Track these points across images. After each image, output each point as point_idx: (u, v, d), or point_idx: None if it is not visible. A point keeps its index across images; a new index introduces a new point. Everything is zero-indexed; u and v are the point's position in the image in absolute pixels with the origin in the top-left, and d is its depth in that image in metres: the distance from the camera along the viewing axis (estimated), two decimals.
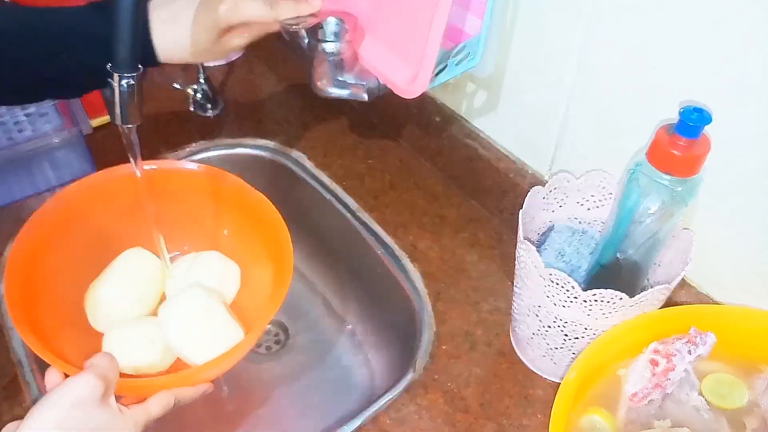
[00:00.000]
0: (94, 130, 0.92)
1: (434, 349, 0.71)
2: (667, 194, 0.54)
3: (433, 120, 0.85)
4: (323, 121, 0.98)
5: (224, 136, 0.96)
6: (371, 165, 0.92)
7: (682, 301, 0.66)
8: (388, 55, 0.69)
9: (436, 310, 0.75)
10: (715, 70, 0.54)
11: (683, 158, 0.52)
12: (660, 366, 0.57)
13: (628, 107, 0.63)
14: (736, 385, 0.58)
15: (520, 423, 0.65)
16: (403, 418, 0.66)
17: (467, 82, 0.79)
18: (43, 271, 0.65)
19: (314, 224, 0.93)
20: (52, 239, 0.67)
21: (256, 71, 1.07)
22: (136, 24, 0.55)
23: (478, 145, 0.81)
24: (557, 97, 0.69)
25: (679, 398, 0.58)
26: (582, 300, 0.57)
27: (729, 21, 0.51)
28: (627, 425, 0.57)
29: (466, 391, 0.68)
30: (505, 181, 0.79)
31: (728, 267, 0.63)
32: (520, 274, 0.63)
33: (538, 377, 0.69)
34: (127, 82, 0.58)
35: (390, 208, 0.86)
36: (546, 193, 0.68)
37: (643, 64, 0.59)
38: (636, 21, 0.58)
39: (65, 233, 0.68)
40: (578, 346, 0.62)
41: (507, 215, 0.82)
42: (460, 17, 0.65)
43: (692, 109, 0.51)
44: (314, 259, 0.96)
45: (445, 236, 0.82)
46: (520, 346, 0.70)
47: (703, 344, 0.58)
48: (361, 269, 0.86)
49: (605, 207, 0.69)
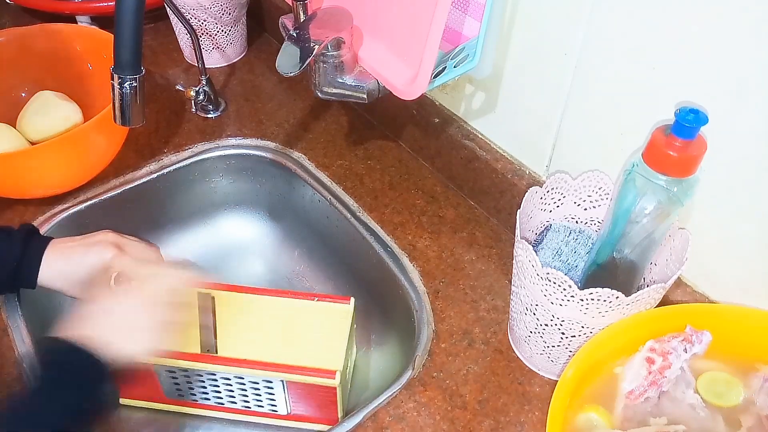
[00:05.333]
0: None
1: (433, 346, 0.72)
2: (663, 194, 0.55)
3: (432, 121, 0.86)
4: (323, 122, 0.99)
5: (225, 137, 0.96)
6: (371, 165, 0.92)
7: (678, 300, 0.66)
8: (388, 57, 0.69)
9: (434, 308, 0.75)
10: (712, 71, 0.54)
11: (679, 159, 0.52)
12: (656, 364, 0.57)
13: (626, 108, 0.63)
14: (732, 383, 0.59)
15: (517, 420, 0.66)
16: (401, 414, 0.67)
17: (466, 84, 0.79)
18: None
19: (314, 224, 0.93)
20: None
21: (256, 72, 1.08)
22: (138, 27, 0.56)
23: (476, 145, 0.81)
24: (555, 98, 0.69)
25: (675, 396, 0.58)
26: (579, 299, 0.57)
27: (727, 21, 0.52)
28: (623, 423, 0.57)
29: (464, 388, 0.68)
30: (503, 182, 0.80)
31: (724, 266, 0.63)
32: (518, 273, 0.64)
33: (536, 375, 0.69)
34: (129, 84, 0.59)
35: (389, 208, 0.86)
36: (543, 193, 0.69)
37: (641, 65, 0.59)
38: (633, 22, 0.58)
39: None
40: (575, 344, 0.63)
41: (505, 215, 0.82)
42: (459, 19, 0.66)
43: (688, 110, 0.51)
44: (314, 258, 0.96)
45: (444, 236, 0.83)
46: (517, 344, 0.71)
47: (698, 342, 0.58)
48: (360, 268, 0.87)
49: (602, 207, 0.69)
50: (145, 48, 1.07)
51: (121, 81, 0.59)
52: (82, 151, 0.83)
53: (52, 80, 0.93)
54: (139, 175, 0.91)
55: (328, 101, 0.99)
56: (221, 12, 1.01)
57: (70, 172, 0.84)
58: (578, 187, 0.69)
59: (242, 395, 0.73)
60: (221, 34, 1.04)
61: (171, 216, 0.97)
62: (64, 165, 0.82)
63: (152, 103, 1.00)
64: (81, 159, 0.84)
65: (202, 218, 1.00)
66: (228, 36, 1.05)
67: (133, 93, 0.60)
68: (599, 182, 0.68)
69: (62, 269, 0.68)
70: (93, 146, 0.84)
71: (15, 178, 0.80)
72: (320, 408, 0.73)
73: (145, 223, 0.93)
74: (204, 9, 0.99)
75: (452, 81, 0.77)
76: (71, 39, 0.92)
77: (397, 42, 0.68)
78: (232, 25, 1.04)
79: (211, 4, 0.99)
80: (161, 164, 0.92)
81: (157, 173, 0.91)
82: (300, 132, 0.97)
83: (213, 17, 1.01)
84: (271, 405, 0.74)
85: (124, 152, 0.90)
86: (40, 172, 0.80)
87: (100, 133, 0.82)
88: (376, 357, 0.85)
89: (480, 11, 0.63)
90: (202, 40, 1.03)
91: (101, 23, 1.03)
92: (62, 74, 0.93)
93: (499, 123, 0.79)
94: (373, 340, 0.87)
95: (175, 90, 1.03)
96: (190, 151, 0.94)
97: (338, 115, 1.00)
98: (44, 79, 0.93)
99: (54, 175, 0.82)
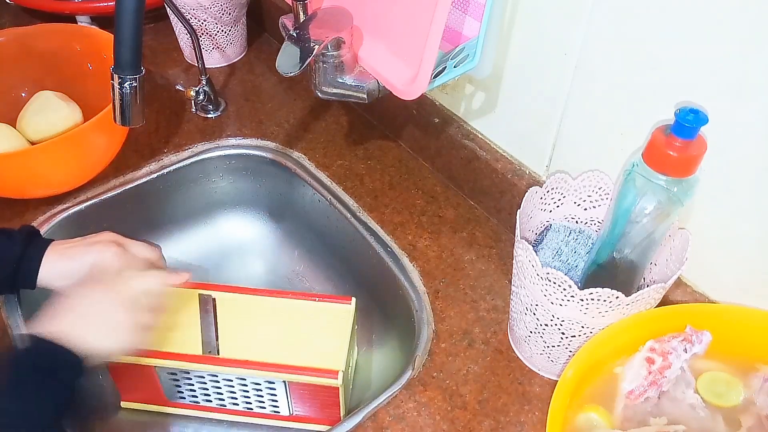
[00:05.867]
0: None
1: (433, 346, 0.72)
2: (663, 194, 0.55)
3: (432, 121, 0.86)
4: (323, 122, 0.99)
5: (225, 137, 0.96)
6: (371, 165, 0.92)
7: (678, 300, 0.66)
8: (388, 57, 0.69)
9: (434, 308, 0.75)
10: (713, 70, 0.54)
11: (679, 159, 0.52)
12: (656, 364, 0.57)
13: (625, 108, 0.63)
14: (732, 383, 0.59)
15: (517, 420, 0.66)
16: (401, 414, 0.67)
17: (466, 84, 0.79)
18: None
19: (314, 224, 0.93)
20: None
21: (256, 72, 1.08)
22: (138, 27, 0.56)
23: (476, 145, 0.81)
24: (555, 98, 0.69)
25: (675, 396, 0.58)
26: (579, 299, 0.58)
27: (727, 21, 0.52)
28: (623, 422, 0.57)
29: (464, 388, 0.68)
30: (503, 182, 0.80)
31: (724, 266, 0.63)
32: (518, 273, 0.64)
33: (536, 375, 0.69)
34: (129, 84, 0.59)
35: (389, 208, 0.86)
36: (543, 193, 0.69)
37: (641, 65, 0.59)
38: (633, 22, 0.58)
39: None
40: (575, 344, 0.63)
41: (505, 215, 0.82)
42: (459, 19, 0.66)
43: (688, 110, 0.51)
44: (314, 258, 0.96)
45: (444, 236, 0.83)
46: (517, 344, 0.71)
47: (698, 342, 0.58)
48: (360, 268, 0.87)
49: (602, 207, 0.69)
50: (145, 48, 1.07)
51: (121, 81, 0.59)
52: (82, 151, 0.83)
53: (52, 80, 0.93)
54: (139, 175, 0.91)
55: (328, 101, 0.99)
56: (221, 12, 1.01)
57: (70, 172, 0.84)
58: (578, 187, 0.69)
59: (244, 397, 0.73)
60: (221, 34, 1.04)
61: (171, 216, 0.97)
62: (64, 165, 0.82)
63: (152, 103, 1.00)
64: (81, 159, 0.84)
65: (202, 218, 1.00)
66: (228, 36, 1.05)
67: (133, 93, 0.60)
68: (599, 182, 0.68)
69: (62, 269, 0.68)
70: (93, 146, 0.84)
71: (15, 178, 0.80)
72: (323, 408, 0.73)
73: (145, 223, 0.94)
74: (204, 9, 0.99)
75: (452, 81, 0.77)
76: (71, 39, 0.92)
77: (397, 42, 0.68)
78: (232, 25, 1.04)
79: (211, 4, 0.99)
80: (161, 164, 0.92)
81: (157, 173, 0.91)
82: (300, 132, 0.97)
83: (213, 17, 1.01)
84: (273, 406, 0.74)
85: (124, 152, 0.90)
86: (40, 172, 0.80)
87: (100, 133, 0.82)
88: (376, 357, 0.85)
89: (480, 11, 0.63)
90: (202, 40, 1.03)
91: (101, 23, 1.03)
92: (62, 74, 0.93)
93: (499, 123, 0.79)
94: (373, 340, 0.87)
95: (175, 90, 1.03)
96: (190, 151, 0.94)
97: (338, 115, 1.00)
98: (44, 79, 0.93)
99: (54, 175, 0.82)
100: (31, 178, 0.81)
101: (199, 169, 0.95)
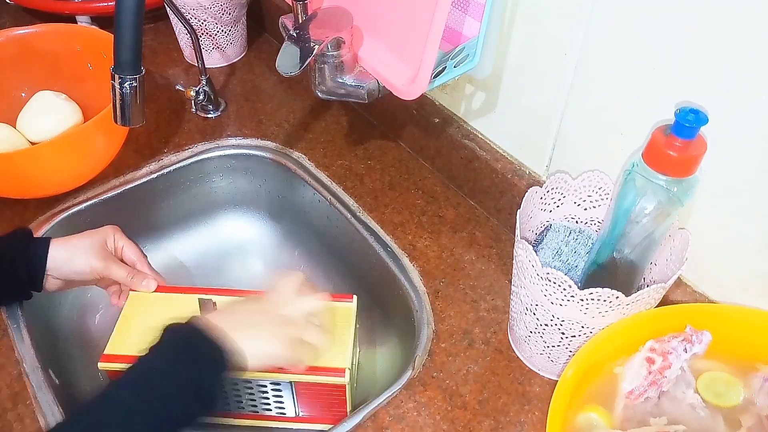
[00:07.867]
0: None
1: (433, 346, 0.72)
2: (663, 194, 0.55)
3: (432, 121, 0.86)
4: (323, 122, 0.99)
5: (225, 137, 0.96)
6: (371, 165, 0.92)
7: (678, 300, 0.66)
8: (388, 57, 0.69)
9: (434, 308, 0.75)
10: (713, 71, 0.54)
11: (679, 159, 0.53)
12: (656, 364, 0.57)
13: (626, 108, 0.63)
14: (732, 383, 0.59)
15: (517, 420, 0.66)
16: (401, 414, 0.67)
17: (466, 84, 0.80)
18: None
19: (314, 224, 0.93)
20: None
21: (256, 72, 1.08)
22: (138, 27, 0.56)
23: (476, 145, 0.81)
24: (555, 98, 0.69)
25: (675, 396, 0.58)
26: (579, 299, 0.58)
27: (727, 21, 0.52)
28: (623, 422, 0.57)
29: (464, 388, 0.68)
30: (503, 182, 0.80)
31: (724, 266, 0.63)
32: (518, 273, 0.64)
33: (536, 375, 0.69)
34: (129, 84, 0.59)
35: (389, 208, 0.86)
36: (543, 193, 0.69)
37: (641, 65, 0.59)
38: (634, 22, 0.58)
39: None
40: (575, 344, 0.63)
41: (505, 215, 0.83)
42: (459, 19, 0.66)
43: (688, 110, 0.51)
44: (314, 258, 0.96)
45: (444, 235, 0.83)
46: (517, 344, 0.71)
47: (698, 342, 0.58)
48: (360, 268, 0.87)
49: (602, 207, 0.69)
50: (145, 48, 1.07)
51: (121, 81, 0.59)
52: (82, 151, 0.83)
53: (52, 80, 0.93)
54: (139, 175, 0.91)
55: (328, 101, 0.99)
56: (221, 12, 1.01)
57: (70, 172, 0.84)
58: (578, 187, 0.69)
59: (250, 399, 0.73)
60: (221, 34, 1.04)
61: (171, 216, 0.97)
62: (64, 165, 0.82)
63: (152, 103, 1.00)
64: (81, 159, 0.84)
65: (202, 218, 1.00)
66: (228, 36, 1.05)
67: (133, 93, 0.60)
68: (599, 182, 0.68)
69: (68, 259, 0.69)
70: (93, 146, 0.84)
71: (15, 178, 0.80)
72: (329, 408, 0.72)
73: (145, 223, 0.94)
74: (204, 9, 0.99)
75: (452, 81, 0.77)
76: (71, 39, 0.92)
77: (397, 42, 0.68)
78: (232, 25, 1.04)
79: (211, 4, 0.99)
80: (161, 164, 0.92)
81: (157, 173, 0.91)
82: (300, 132, 0.97)
83: (213, 17, 1.01)
84: (279, 408, 0.74)
85: (124, 152, 0.90)
86: (40, 172, 0.80)
87: (100, 133, 0.82)
88: (376, 357, 0.85)
89: (480, 11, 0.63)
90: (202, 40, 1.03)
91: (101, 23, 1.03)
92: (62, 74, 0.93)
93: (499, 123, 0.79)
94: (373, 340, 0.87)
95: (175, 90, 1.03)
96: (190, 151, 0.94)
97: (338, 115, 1.00)
98: (44, 79, 0.93)
99: (54, 175, 0.82)
100: (31, 178, 0.80)
101: (199, 169, 0.95)
